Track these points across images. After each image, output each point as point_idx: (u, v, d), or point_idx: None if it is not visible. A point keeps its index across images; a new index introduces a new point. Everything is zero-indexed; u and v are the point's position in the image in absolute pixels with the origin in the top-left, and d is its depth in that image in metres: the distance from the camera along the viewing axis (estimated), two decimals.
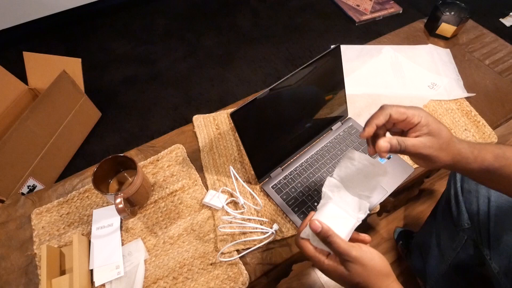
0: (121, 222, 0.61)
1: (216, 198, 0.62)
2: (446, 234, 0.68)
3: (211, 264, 0.56)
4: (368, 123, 0.42)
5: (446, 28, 0.91)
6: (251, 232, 0.59)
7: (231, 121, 0.67)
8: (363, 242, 0.42)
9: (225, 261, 0.56)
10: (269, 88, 0.55)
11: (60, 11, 1.70)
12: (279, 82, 0.56)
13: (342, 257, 0.38)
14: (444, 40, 0.94)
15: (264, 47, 1.68)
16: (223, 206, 0.61)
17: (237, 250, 0.57)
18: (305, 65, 0.58)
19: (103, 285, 0.54)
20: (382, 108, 0.42)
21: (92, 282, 0.54)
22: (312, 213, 0.45)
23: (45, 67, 1.21)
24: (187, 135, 0.75)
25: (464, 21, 0.89)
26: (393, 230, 1.05)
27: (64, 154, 1.24)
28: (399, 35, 0.96)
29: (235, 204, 0.63)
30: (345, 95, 0.70)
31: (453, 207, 0.63)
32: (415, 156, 0.41)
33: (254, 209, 0.62)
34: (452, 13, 0.91)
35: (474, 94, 0.79)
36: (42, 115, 1.09)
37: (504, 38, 0.94)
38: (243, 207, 0.62)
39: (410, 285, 0.96)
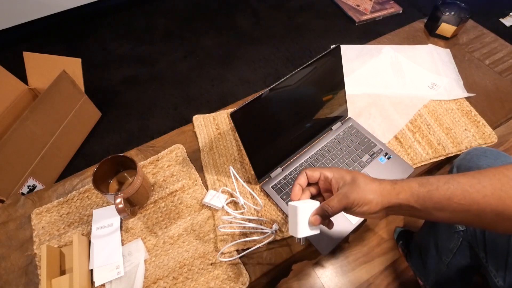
0: (121, 222, 0.61)
1: (216, 198, 0.62)
2: (443, 235, 0.68)
3: (211, 264, 0.56)
4: (293, 186, 0.47)
5: (446, 28, 0.91)
6: (251, 232, 0.59)
7: (231, 121, 0.67)
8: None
9: (225, 261, 0.56)
10: (269, 88, 0.55)
11: (60, 11, 1.70)
12: (279, 82, 0.56)
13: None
14: (444, 40, 0.94)
15: (264, 47, 1.68)
16: (223, 206, 0.61)
17: (237, 250, 0.57)
18: (305, 65, 0.58)
19: (103, 285, 0.54)
20: (301, 170, 0.49)
21: (92, 282, 0.54)
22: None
23: (45, 67, 1.21)
24: (187, 135, 0.75)
25: (464, 21, 0.89)
26: (393, 230, 1.05)
27: (64, 154, 1.24)
28: (399, 35, 0.96)
29: (235, 204, 0.63)
30: (345, 95, 0.70)
31: None
32: (350, 207, 0.42)
33: (254, 209, 0.62)
34: (452, 13, 0.91)
35: (474, 94, 0.79)
36: (42, 115, 1.09)
37: (504, 38, 0.94)
38: (243, 207, 0.62)
39: (410, 285, 0.96)
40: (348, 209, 0.42)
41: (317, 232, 0.45)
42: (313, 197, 0.48)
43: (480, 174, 0.38)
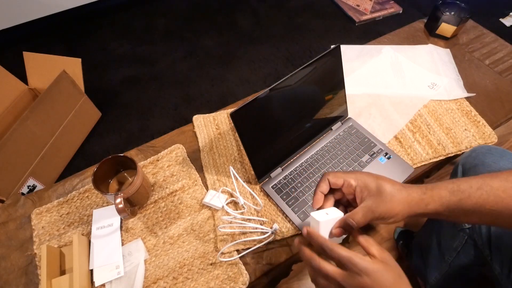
0: (121, 222, 0.61)
1: (216, 198, 0.62)
2: (446, 234, 0.67)
3: (211, 264, 0.56)
4: (314, 193, 0.44)
5: (446, 28, 0.91)
6: (251, 232, 0.59)
7: (231, 121, 0.67)
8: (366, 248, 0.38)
9: (225, 261, 0.56)
10: (269, 88, 0.55)
11: (60, 11, 1.70)
12: (279, 82, 0.56)
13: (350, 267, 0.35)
14: (444, 40, 0.94)
15: (264, 47, 1.68)
16: (223, 206, 0.61)
17: (237, 250, 0.57)
18: (305, 65, 0.58)
19: (103, 285, 0.54)
20: (323, 175, 0.44)
21: (92, 282, 0.54)
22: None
23: (45, 67, 1.21)
24: (187, 135, 0.75)
25: (464, 21, 0.89)
26: (393, 230, 1.05)
27: (64, 154, 1.24)
28: (399, 35, 0.96)
29: (235, 204, 0.63)
30: (345, 95, 0.70)
31: None
32: (376, 219, 0.39)
33: (254, 209, 0.62)
34: (452, 13, 0.91)
35: (474, 94, 0.79)
36: (42, 115, 1.09)
37: (504, 38, 0.94)
38: (243, 207, 0.62)
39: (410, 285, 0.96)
40: (373, 221, 0.40)
41: (339, 241, 0.42)
42: (337, 202, 0.45)
43: None
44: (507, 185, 0.36)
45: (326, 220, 0.40)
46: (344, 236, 0.41)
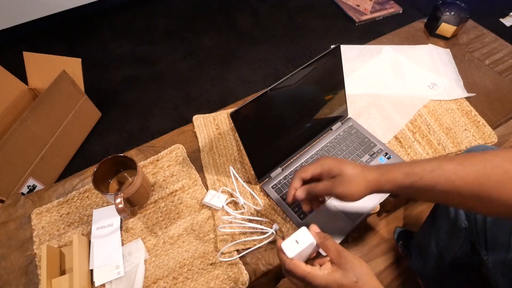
0: (121, 222, 0.61)
1: (216, 198, 0.62)
2: (444, 234, 0.68)
3: (211, 264, 0.56)
4: (288, 191, 0.49)
5: (446, 28, 0.91)
6: (251, 232, 0.59)
7: (231, 121, 0.67)
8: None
9: (225, 261, 0.56)
10: (269, 88, 0.55)
11: (60, 11, 1.70)
12: (279, 82, 0.56)
13: (337, 254, 0.40)
14: (444, 40, 0.94)
15: (264, 47, 1.68)
16: (223, 206, 0.61)
17: (237, 250, 0.57)
18: (305, 65, 0.58)
19: (103, 285, 0.54)
20: (294, 174, 0.50)
21: (92, 282, 0.54)
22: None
23: (45, 67, 1.21)
24: (187, 135, 0.75)
25: (464, 21, 0.89)
26: (393, 230, 1.05)
27: (64, 154, 1.24)
28: (399, 35, 0.96)
29: (235, 204, 0.63)
30: (345, 95, 0.70)
31: (450, 207, 0.63)
32: (335, 196, 0.45)
33: (254, 209, 0.62)
34: (452, 13, 0.91)
35: (474, 94, 0.79)
36: (42, 115, 1.09)
37: (504, 38, 0.94)
38: (243, 207, 0.62)
39: (410, 285, 0.96)
40: (332, 196, 0.46)
41: (303, 259, 0.44)
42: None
43: (467, 160, 0.39)
44: (458, 168, 0.38)
45: (296, 254, 0.41)
46: (314, 254, 0.45)
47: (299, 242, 0.42)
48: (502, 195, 0.37)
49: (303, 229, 0.43)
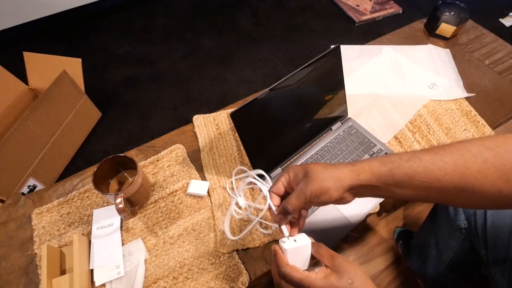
0: (121, 222, 0.61)
1: (198, 187, 0.63)
2: (444, 234, 0.68)
3: (211, 264, 0.56)
4: (271, 215, 0.45)
5: (446, 28, 0.91)
6: (251, 232, 0.59)
7: (231, 121, 0.67)
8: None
9: (225, 261, 0.56)
10: (269, 88, 0.55)
11: (60, 11, 1.70)
12: (279, 82, 0.56)
13: (333, 259, 0.39)
14: (444, 40, 0.94)
15: (264, 47, 1.68)
16: (223, 206, 0.61)
17: (237, 250, 0.57)
18: (305, 65, 0.58)
19: (103, 285, 0.54)
20: (269, 193, 0.45)
21: (92, 282, 0.54)
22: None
23: (45, 67, 1.21)
24: (187, 135, 0.75)
25: (464, 21, 0.90)
26: (392, 230, 1.05)
27: (64, 154, 1.24)
28: (399, 35, 0.96)
29: (235, 204, 0.63)
30: (345, 95, 0.70)
31: (450, 207, 0.63)
32: (312, 200, 0.41)
33: (254, 209, 0.62)
34: (452, 13, 0.91)
35: (474, 94, 0.79)
36: (42, 115, 1.09)
37: (504, 38, 0.94)
38: (246, 209, 0.62)
39: (410, 285, 0.96)
40: (310, 202, 0.41)
41: (305, 267, 0.43)
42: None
43: (444, 150, 0.37)
44: (435, 158, 0.37)
45: (293, 247, 0.41)
46: (313, 261, 0.43)
47: (296, 241, 0.42)
48: (485, 186, 0.35)
49: (301, 233, 0.44)
